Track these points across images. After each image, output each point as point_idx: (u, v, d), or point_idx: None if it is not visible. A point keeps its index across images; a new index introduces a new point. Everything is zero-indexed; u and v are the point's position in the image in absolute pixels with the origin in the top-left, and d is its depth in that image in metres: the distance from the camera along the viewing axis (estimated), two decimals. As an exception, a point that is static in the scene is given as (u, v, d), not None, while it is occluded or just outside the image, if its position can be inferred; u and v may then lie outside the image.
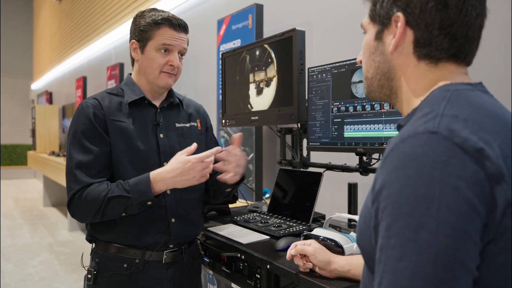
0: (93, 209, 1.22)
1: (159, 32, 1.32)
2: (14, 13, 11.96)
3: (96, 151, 1.26)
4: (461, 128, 0.51)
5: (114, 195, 1.21)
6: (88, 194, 1.23)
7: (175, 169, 1.22)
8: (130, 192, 1.21)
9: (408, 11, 0.62)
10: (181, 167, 1.21)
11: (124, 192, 1.21)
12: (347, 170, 1.54)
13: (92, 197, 1.22)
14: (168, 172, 1.22)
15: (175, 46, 1.33)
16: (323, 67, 1.53)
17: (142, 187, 1.22)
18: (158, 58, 1.33)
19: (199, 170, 1.22)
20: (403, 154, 0.52)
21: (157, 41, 1.32)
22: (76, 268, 3.87)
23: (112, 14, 5.07)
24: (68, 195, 1.26)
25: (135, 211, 1.24)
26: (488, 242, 0.50)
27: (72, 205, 1.26)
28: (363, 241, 0.63)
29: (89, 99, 1.34)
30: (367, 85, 0.73)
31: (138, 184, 1.23)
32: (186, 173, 1.21)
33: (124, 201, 1.21)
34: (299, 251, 1.06)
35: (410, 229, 0.49)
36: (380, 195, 0.54)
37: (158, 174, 1.23)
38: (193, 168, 1.21)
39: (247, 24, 2.44)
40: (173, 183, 1.23)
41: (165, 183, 1.23)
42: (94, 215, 1.24)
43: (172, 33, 1.33)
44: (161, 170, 1.24)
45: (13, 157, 11.67)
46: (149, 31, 1.32)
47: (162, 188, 1.24)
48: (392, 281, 0.49)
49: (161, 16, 1.32)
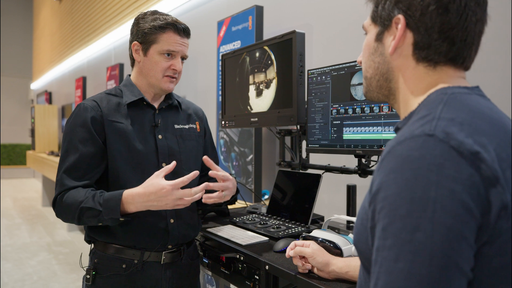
0: (70, 215, 1.24)
1: (164, 37, 1.32)
2: (14, 13, 11.96)
3: (84, 153, 1.27)
4: (457, 131, 0.52)
5: (87, 206, 1.20)
6: (67, 198, 1.24)
7: (148, 194, 1.17)
8: (102, 206, 1.20)
9: (409, 13, 0.63)
10: (154, 193, 1.16)
11: (97, 205, 1.20)
12: (346, 172, 1.55)
13: (69, 203, 1.23)
14: (140, 196, 1.18)
15: (178, 52, 1.35)
16: (323, 69, 1.54)
17: (112, 204, 1.19)
18: (161, 62, 1.33)
19: (172, 199, 1.16)
20: (400, 156, 0.53)
21: (161, 46, 1.32)
22: (74, 268, 3.87)
23: (113, 14, 5.07)
24: (53, 197, 1.28)
25: (110, 224, 1.23)
26: (483, 244, 0.51)
27: (55, 207, 1.28)
28: (360, 242, 0.64)
29: (88, 100, 1.34)
30: (366, 84, 0.74)
31: (109, 200, 1.20)
32: (159, 200, 1.16)
33: (95, 213, 1.20)
34: (298, 252, 1.07)
35: (406, 231, 0.49)
36: (377, 196, 0.54)
37: (130, 196, 1.19)
38: (166, 196, 1.16)
39: (247, 25, 2.45)
40: (144, 207, 1.19)
41: (135, 206, 1.19)
42: (73, 220, 1.25)
43: (176, 38, 1.34)
44: (135, 192, 1.19)
45: (12, 157, 11.66)
46: (153, 34, 1.32)
47: (133, 210, 1.20)
48: (387, 281, 0.50)
49: (165, 21, 1.33)
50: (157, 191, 1.16)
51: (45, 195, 7.01)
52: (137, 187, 1.20)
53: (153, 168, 1.32)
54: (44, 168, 6.10)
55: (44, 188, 7.00)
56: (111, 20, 5.11)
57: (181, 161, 1.39)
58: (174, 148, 1.38)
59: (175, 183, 1.16)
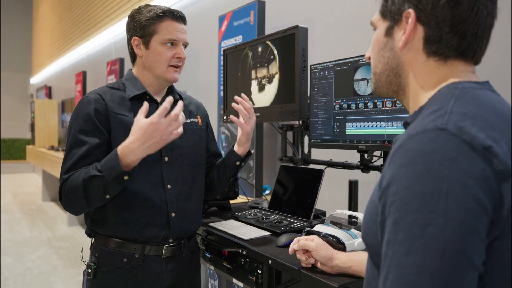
0: (76, 195, 1.21)
1: (163, 25, 1.32)
2: (14, 7, 11.91)
3: (90, 144, 1.26)
4: (469, 126, 0.52)
5: (89, 175, 1.18)
6: (69, 182, 1.22)
7: (139, 137, 1.14)
8: (102, 171, 1.17)
9: (419, 7, 0.62)
10: (144, 133, 1.14)
11: (96, 172, 1.18)
12: (348, 167, 1.54)
13: (72, 184, 1.21)
14: (133, 142, 1.15)
15: (180, 40, 1.35)
16: (326, 64, 1.53)
17: (112, 162, 1.17)
18: (165, 52, 1.33)
19: (164, 128, 1.14)
20: (412, 150, 0.53)
21: (162, 35, 1.32)
22: (75, 262, 3.88)
23: (113, 8, 5.05)
24: (59, 189, 1.26)
25: (116, 190, 1.21)
26: (494, 239, 0.51)
27: (62, 197, 1.26)
28: (368, 236, 0.63)
29: (91, 93, 1.34)
30: (375, 80, 0.73)
31: (107, 161, 1.18)
32: (152, 136, 1.14)
33: (99, 181, 1.17)
34: (302, 246, 1.07)
35: (418, 225, 0.49)
36: (388, 190, 0.54)
37: (125, 147, 1.17)
38: (157, 129, 1.14)
39: (249, 20, 2.44)
40: (143, 150, 1.16)
41: (135, 154, 1.16)
42: (79, 201, 1.21)
43: (175, 25, 1.34)
44: (127, 142, 1.17)
45: (12, 151, 11.65)
46: (152, 25, 1.32)
47: (133, 159, 1.17)
48: (398, 275, 0.50)
49: (161, 10, 1.33)
50: (146, 129, 1.14)
51: (45, 190, 7.01)
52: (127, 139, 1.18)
53: (156, 162, 1.32)
54: (44, 163, 6.10)
55: (44, 183, 7.00)
56: (111, 15, 5.09)
57: (184, 155, 1.39)
58: (177, 143, 1.38)
59: (157, 114, 1.14)
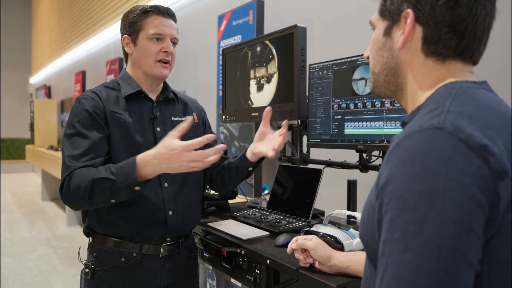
0: (80, 191, 1.17)
1: (148, 21, 1.33)
2: (13, 6, 11.89)
3: (93, 137, 1.25)
4: (466, 125, 0.52)
5: (99, 177, 1.15)
6: (76, 176, 1.18)
7: (161, 155, 1.12)
8: (115, 175, 1.14)
9: (418, 7, 0.62)
10: (166, 153, 1.11)
11: (109, 175, 1.14)
12: (346, 167, 1.54)
13: (79, 180, 1.17)
14: (153, 157, 1.13)
15: (166, 34, 1.34)
16: (324, 64, 1.53)
17: (128, 169, 1.14)
18: (151, 47, 1.33)
19: (185, 160, 1.11)
20: (409, 149, 0.53)
21: (147, 30, 1.33)
22: (74, 262, 3.88)
23: (112, 8, 5.05)
24: (60, 182, 1.23)
25: (123, 197, 1.18)
26: (491, 237, 0.51)
27: (63, 190, 1.22)
28: (366, 235, 0.64)
29: (87, 92, 1.34)
30: (373, 80, 0.73)
31: (124, 166, 1.15)
32: (172, 161, 1.11)
33: (109, 184, 1.14)
34: (300, 245, 1.07)
35: (415, 223, 0.49)
36: (385, 189, 0.54)
37: (145, 158, 1.14)
38: (178, 157, 1.11)
39: (248, 20, 2.44)
40: (160, 168, 1.14)
41: (152, 169, 1.14)
42: (82, 199, 1.18)
43: (161, 20, 1.34)
44: (147, 154, 1.14)
45: (11, 151, 11.64)
46: (139, 21, 1.34)
47: (150, 172, 1.14)
48: (395, 273, 0.50)
49: (148, 5, 1.35)
50: (167, 151, 1.11)
51: (45, 190, 7.01)
52: (149, 151, 1.16)
53: None
54: (43, 163, 6.09)
55: (44, 183, 6.99)
56: (110, 14, 5.09)
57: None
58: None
59: (187, 145, 1.11)
